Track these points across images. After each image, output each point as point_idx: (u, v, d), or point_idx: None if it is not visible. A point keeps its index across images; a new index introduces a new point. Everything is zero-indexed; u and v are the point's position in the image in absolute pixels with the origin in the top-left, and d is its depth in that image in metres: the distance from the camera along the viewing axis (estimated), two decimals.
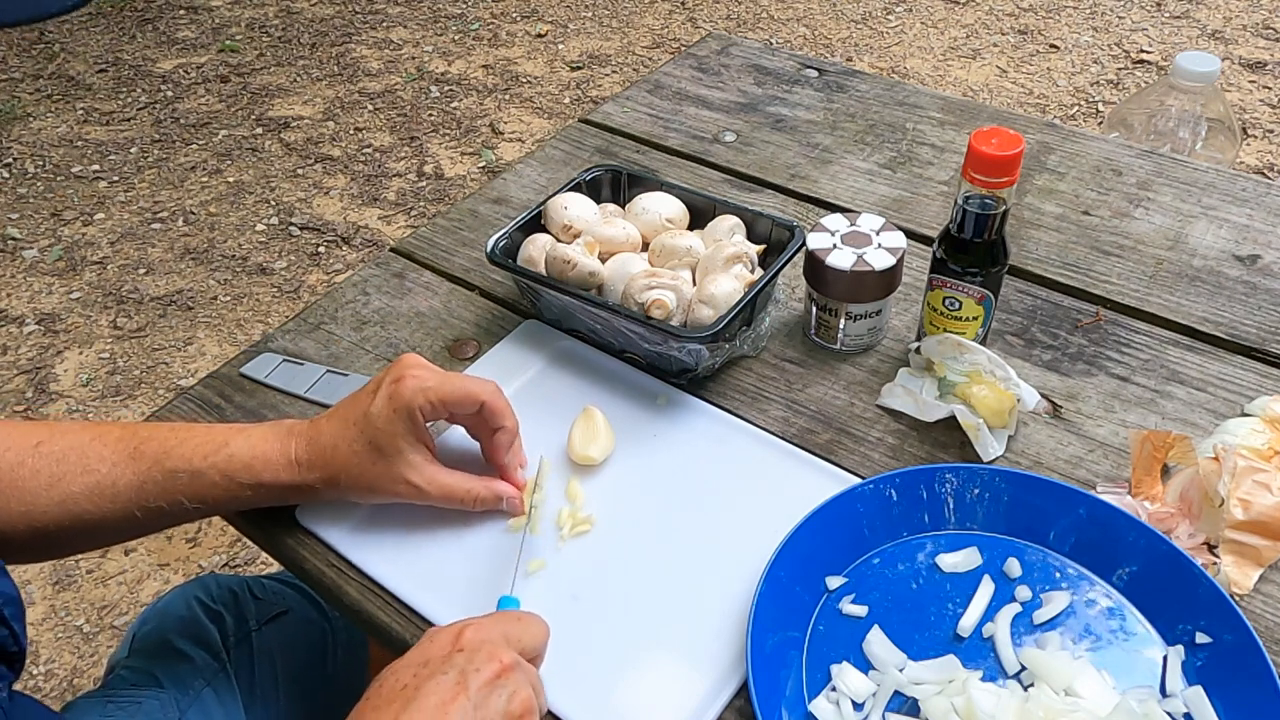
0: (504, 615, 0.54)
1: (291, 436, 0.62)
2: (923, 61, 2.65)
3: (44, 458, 0.59)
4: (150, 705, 0.71)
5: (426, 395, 0.61)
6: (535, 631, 0.53)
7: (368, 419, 0.61)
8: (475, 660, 0.49)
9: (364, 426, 0.61)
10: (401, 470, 0.62)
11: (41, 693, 1.39)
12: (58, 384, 1.87)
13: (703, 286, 0.71)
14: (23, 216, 2.30)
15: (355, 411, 0.62)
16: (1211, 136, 1.35)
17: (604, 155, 1.03)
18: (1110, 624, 0.57)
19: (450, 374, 0.63)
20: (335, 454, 0.61)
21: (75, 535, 0.60)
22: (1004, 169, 0.63)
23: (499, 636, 0.51)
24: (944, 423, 0.70)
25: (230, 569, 1.54)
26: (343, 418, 0.63)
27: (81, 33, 3.05)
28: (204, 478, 0.60)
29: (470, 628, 0.51)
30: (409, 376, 0.62)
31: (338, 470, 0.61)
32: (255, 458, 0.61)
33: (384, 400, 0.61)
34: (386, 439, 0.61)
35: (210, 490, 0.61)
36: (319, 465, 0.62)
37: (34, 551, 0.61)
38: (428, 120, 2.58)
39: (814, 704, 0.54)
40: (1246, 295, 0.80)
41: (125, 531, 0.63)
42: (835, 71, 1.14)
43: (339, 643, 0.87)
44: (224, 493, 0.61)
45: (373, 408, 0.61)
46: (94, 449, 0.60)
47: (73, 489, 0.59)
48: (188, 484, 0.60)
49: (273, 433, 0.63)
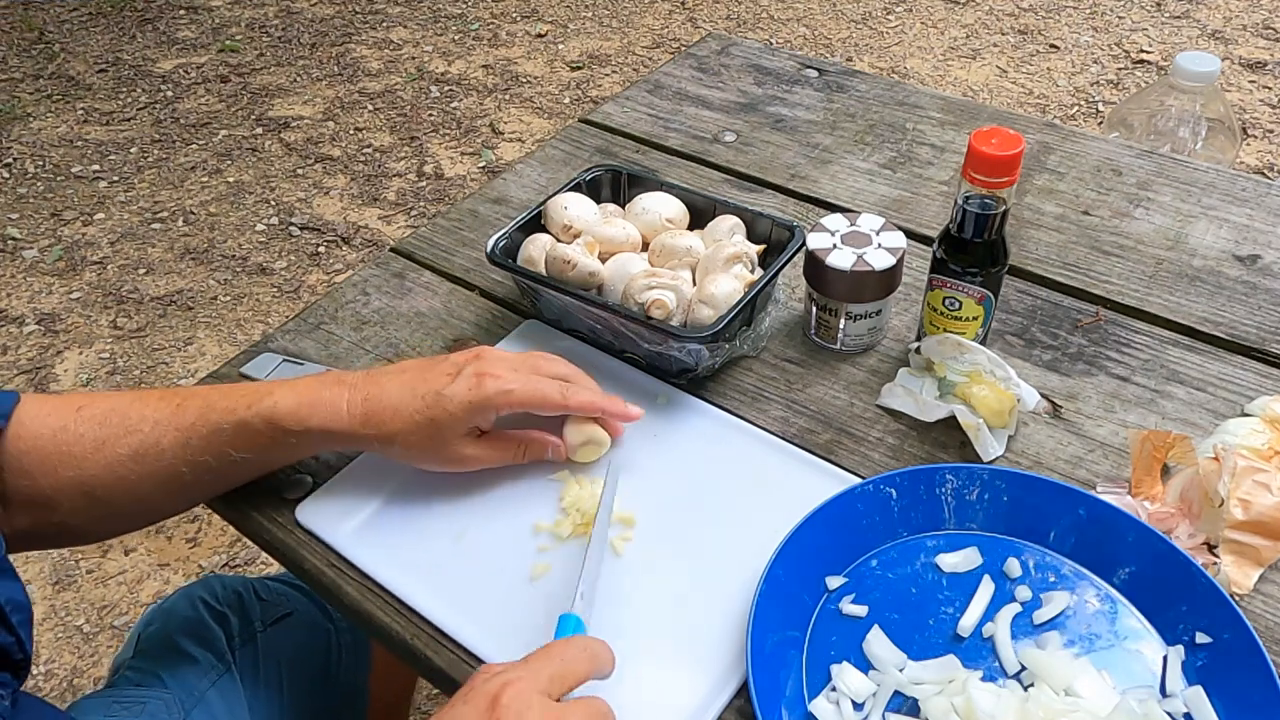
0: (547, 657, 0.50)
1: (343, 385, 0.62)
2: (923, 61, 2.65)
3: (86, 421, 0.59)
4: (155, 706, 0.71)
5: (509, 399, 0.62)
6: (583, 663, 0.51)
7: (440, 400, 0.61)
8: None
9: (432, 403, 0.61)
10: (457, 448, 0.63)
11: (41, 693, 1.39)
12: (58, 384, 1.87)
13: (703, 286, 0.71)
14: (23, 216, 2.31)
15: (426, 385, 0.62)
16: (1211, 136, 1.35)
17: (604, 155, 1.03)
18: (1110, 624, 0.57)
19: (529, 375, 0.65)
20: (395, 417, 0.61)
21: (126, 501, 0.60)
22: (1004, 169, 0.63)
23: (540, 694, 0.48)
24: (944, 423, 0.70)
25: (230, 569, 1.54)
26: (410, 385, 0.62)
27: (81, 33, 3.05)
28: (248, 426, 0.60)
29: (509, 689, 0.47)
30: (492, 375, 0.62)
31: (395, 433, 0.61)
32: (302, 404, 0.61)
33: (463, 389, 0.62)
34: (450, 422, 0.62)
35: (255, 439, 0.60)
36: (375, 422, 0.61)
37: (93, 522, 0.61)
38: (428, 120, 2.58)
39: (814, 704, 0.54)
40: (1246, 295, 0.80)
41: (174, 494, 0.62)
42: (835, 71, 1.14)
43: (343, 645, 0.87)
44: (269, 440, 0.60)
45: (448, 390, 0.61)
46: (135, 409, 0.60)
47: (119, 451, 0.59)
48: (232, 435, 0.60)
49: (320, 382, 0.63)
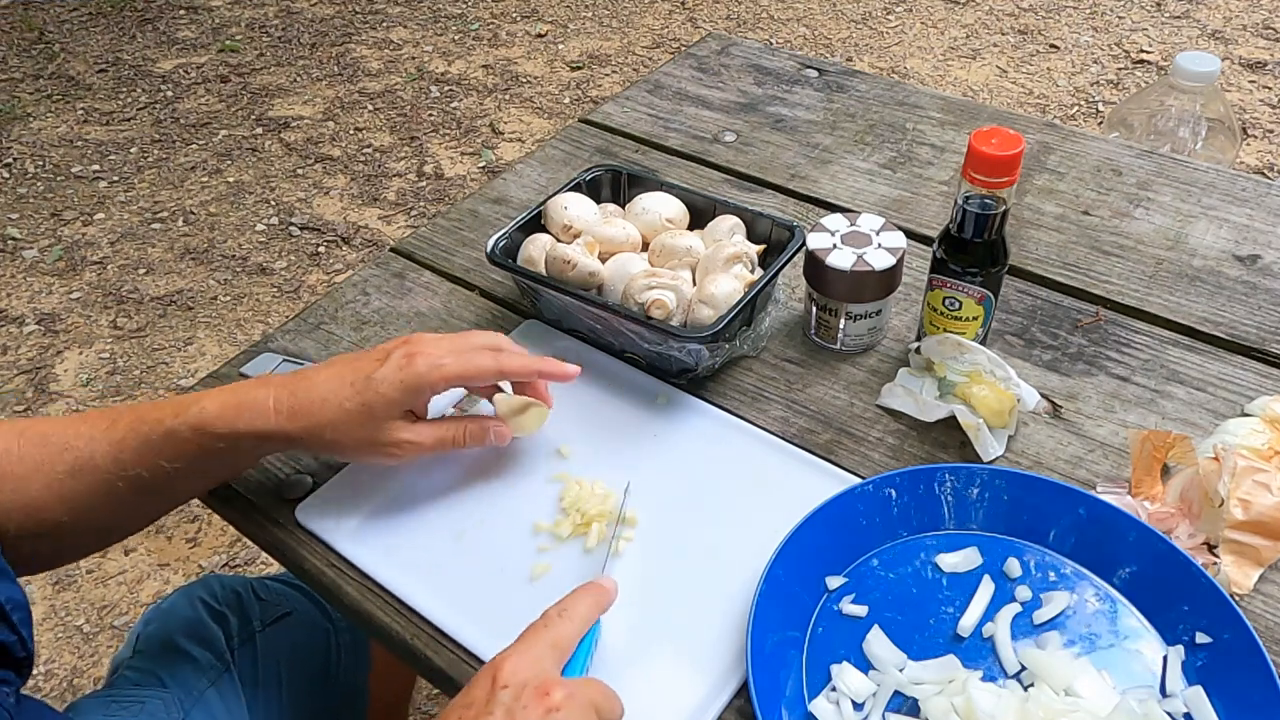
0: (533, 636, 0.52)
1: (269, 386, 0.62)
2: (923, 61, 2.65)
3: (29, 442, 0.59)
4: (154, 705, 0.71)
5: (442, 373, 0.61)
6: (576, 623, 0.52)
7: (369, 383, 0.61)
8: (522, 697, 0.47)
9: (362, 388, 0.61)
10: (391, 433, 0.62)
11: (41, 693, 1.39)
12: (58, 384, 1.87)
13: (703, 286, 0.71)
14: (23, 216, 2.30)
15: (355, 372, 0.62)
16: (1211, 136, 1.35)
17: (604, 155, 1.03)
18: (1110, 624, 0.57)
19: (462, 350, 0.63)
20: (324, 407, 0.60)
21: (70, 521, 0.59)
22: (1004, 169, 0.63)
23: (535, 662, 0.49)
24: (944, 423, 0.70)
25: (230, 569, 1.54)
26: (337, 373, 0.62)
27: (81, 33, 3.05)
28: (176, 435, 0.59)
29: (508, 661, 0.49)
30: (422, 354, 0.62)
31: (324, 423, 0.60)
32: (227, 407, 0.60)
33: (393, 370, 0.61)
34: (383, 405, 0.61)
35: (184, 447, 0.59)
36: (302, 415, 0.60)
37: (39, 550, 0.60)
38: (428, 120, 2.58)
39: (814, 704, 0.54)
40: (1246, 295, 0.80)
41: (115, 511, 0.61)
42: (835, 71, 1.14)
43: (342, 645, 0.87)
44: (197, 449, 0.59)
45: (378, 373, 0.61)
46: (73, 427, 0.60)
47: (57, 469, 0.58)
48: (162, 444, 0.59)
49: (249, 384, 0.62)
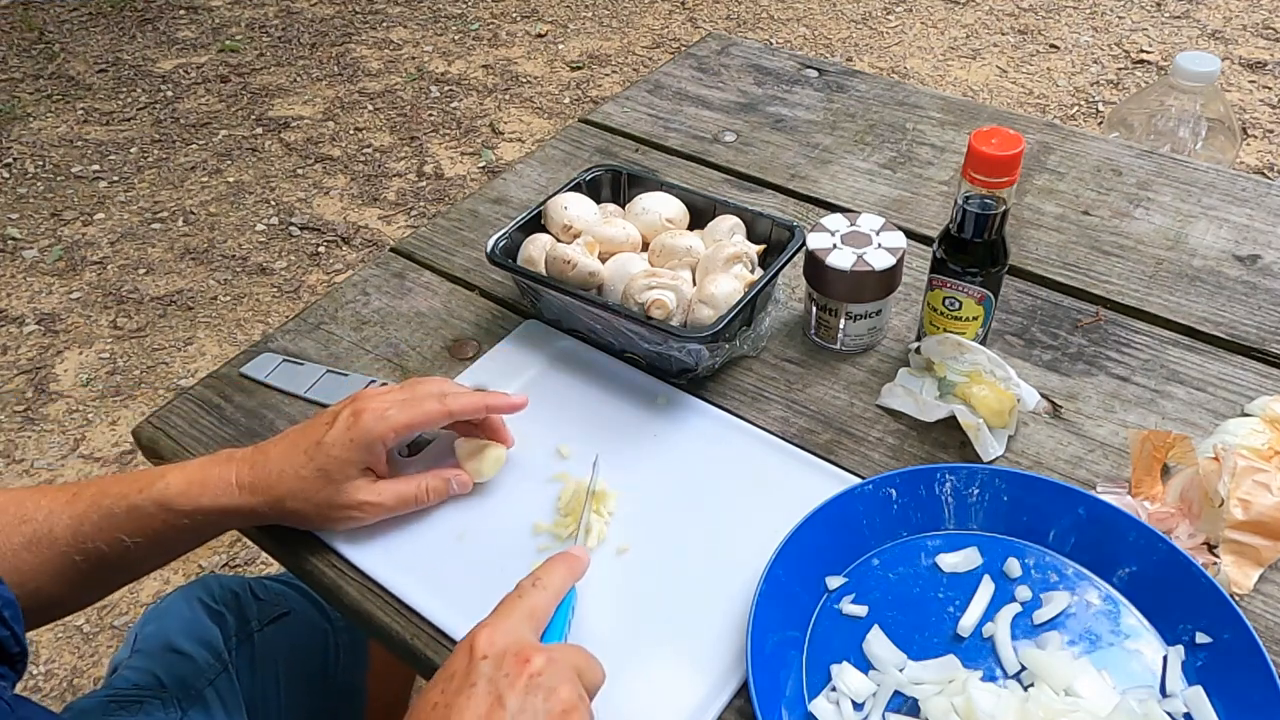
0: (508, 606, 0.52)
1: (232, 462, 0.62)
2: (923, 61, 2.65)
3: None
4: (152, 705, 0.71)
5: (390, 424, 0.61)
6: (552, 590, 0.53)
7: (320, 447, 0.61)
8: (503, 665, 0.47)
9: (314, 454, 0.61)
10: (351, 495, 0.61)
11: (41, 693, 1.39)
12: (58, 384, 1.87)
13: (703, 286, 0.71)
14: (23, 216, 2.30)
15: (307, 439, 0.62)
16: (1211, 136, 1.35)
17: (604, 155, 1.03)
18: (1110, 624, 0.57)
19: (408, 400, 0.63)
20: (281, 479, 0.60)
21: (21, 594, 0.57)
22: (1004, 169, 0.63)
23: (512, 631, 0.49)
24: (944, 423, 0.70)
25: (230, 569, 1.54)
26: (292, 443, 0.62)
27: (81, 33, 3.05)
28: (140, 510, 0.59)
29: (483, 631, 0.49)
30: (368, 410, 0.62)
31: (283, 494, 0.60)
32: (192, 484, 0.60)
33: (341, 430, 0.61)
34: (338, 467, 0.61)
35: (148, 523, 0.59)
36: (262, 489, 0.60)
37: None
38: (428, 120, 2.58)
39: (814, 704, 0.54)
40: (1246, 295, 0.80)
41: (70, 584, 0.60)
42: (835, 71, 1.14)
43: (340, 644, 0.87)
44: (162, 524, 0.59)
45: (328, 436, 0.61)
46: (32, 499, 0.60)
47: (13, 541, 0.58)
48: (124, 519, 0.59)
49: (211, 460, 0.62)
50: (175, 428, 0.75)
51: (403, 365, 0.80)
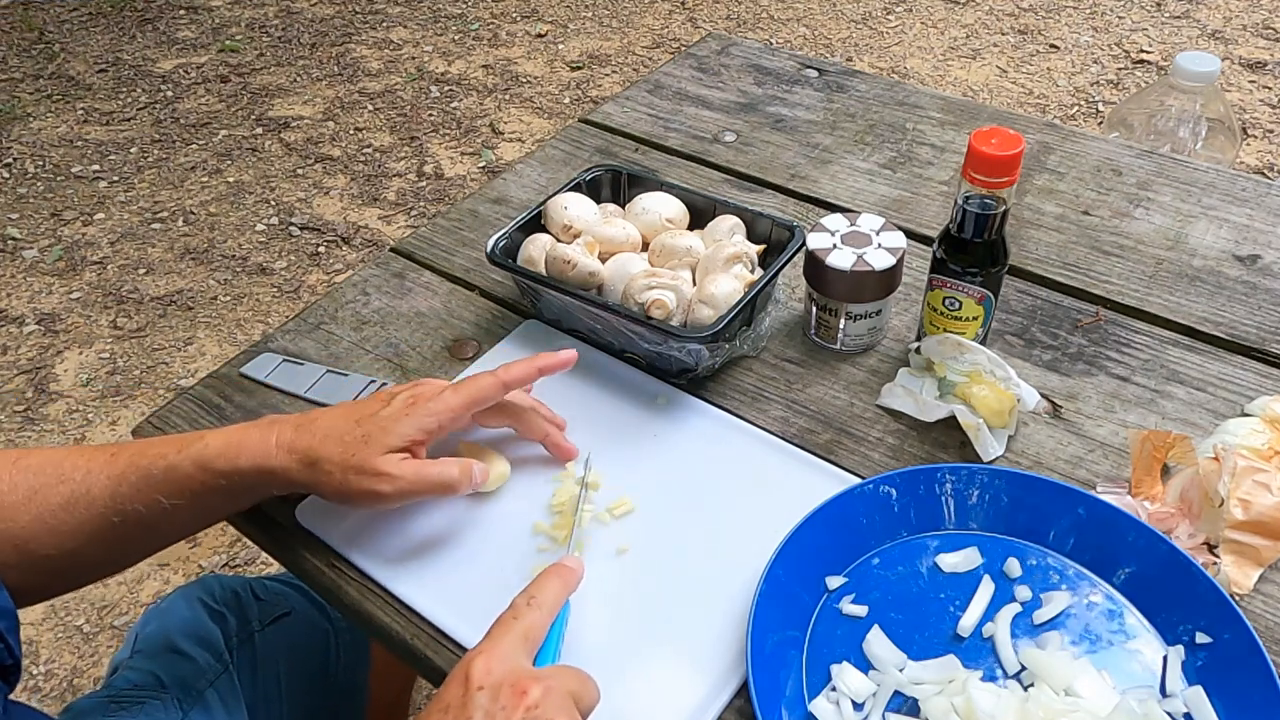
0: (502, 630, 0.51)
1: (274, 425, 0.62)
2: (923, 61, 2.65)
3: (21, 471, 0.59)
4: (153, 706, 0.71)
5: (446, 404, 0.62)
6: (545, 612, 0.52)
7: (374, 418, 0.61)
8: (500, 698, 0.46)
9: (365, 422, 0.61)
10: (378, 463, 0.60)
11: (41, 693, 1.39)
12: (58, 384, 1.87)
13: (703, 286, 0.71)
14: (23, 216, 2.30)
15: (360, 411, 0.62)
16: (1211, 136, 1.35)
17: (604, 155, 1.03)
18: (1110, 624, 0.57)
19: (460, 381, 0.65)
20: (325, 441, 0.60)
21: (58, 554, 0.58)
22: (1004, 169, 0.63)
23: (508, 659, 0.49)
24: (944, 423, 0.70)
25: (230, 569, 1.54)
26: (343, 413, 0.63)
27: (81, 33, 3.05)
28: (178, 470, 0.59)
29: (478, 659, 0.48)
30: (425, 394, 0.63)
31: (321, 456, 0.60)
32: (230, 444, 0.60)
33: (399, 406, 0.62)
34: (382, 434, 0.61)
35: (185, 483, 0.59)
36: (301, 449, 0.60)
37: (26, 579, 0.59)
38: (428, 120, 2.58)
39: (814, 704, 0.54)
40: (1246, 295, 0.80)
41: (107, 546, 0.60)
42: (835, 71, 1.14)
43: (341, 644, 0.87)
44: (199, 485, 0.59)
45: (384, 411, 0.62)
46: (70, 459, 0.60)
47: (50, 500, 0.58)
48: (163, 479, 0.59)
49: (254, 424, 0.63)
50: (175, 428, 0.75)
51: (403, 365, 0.80)
